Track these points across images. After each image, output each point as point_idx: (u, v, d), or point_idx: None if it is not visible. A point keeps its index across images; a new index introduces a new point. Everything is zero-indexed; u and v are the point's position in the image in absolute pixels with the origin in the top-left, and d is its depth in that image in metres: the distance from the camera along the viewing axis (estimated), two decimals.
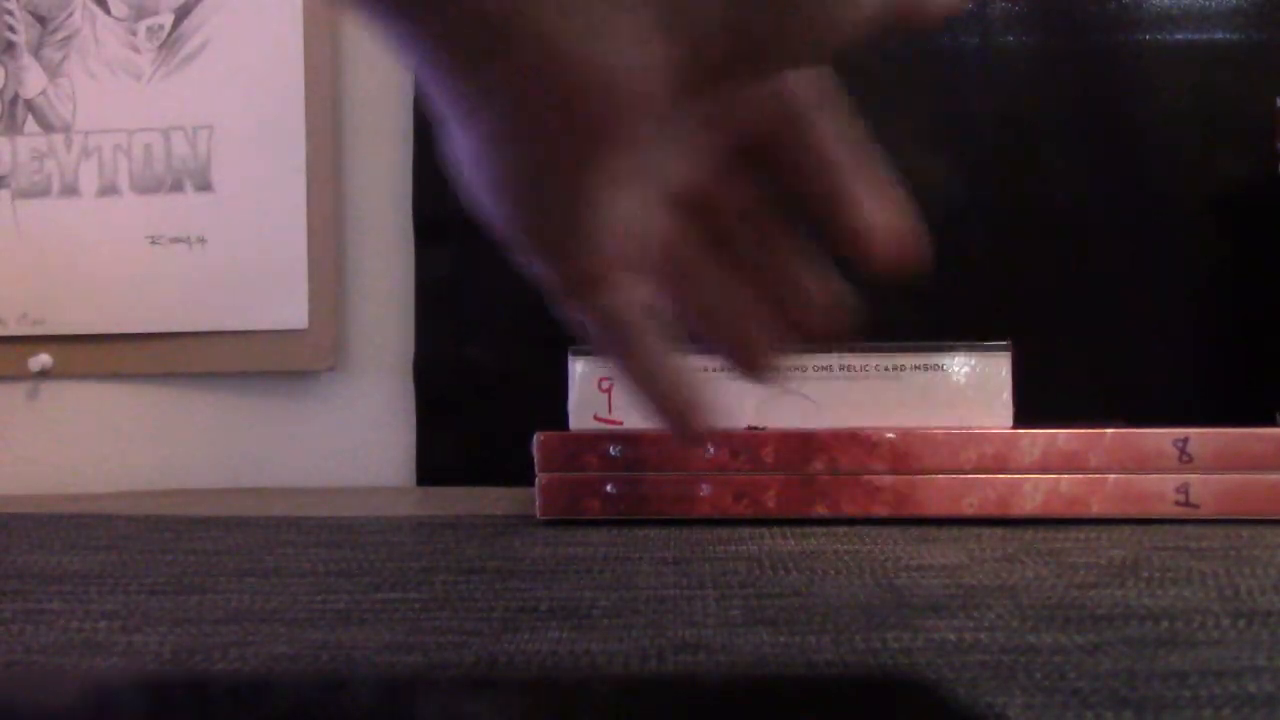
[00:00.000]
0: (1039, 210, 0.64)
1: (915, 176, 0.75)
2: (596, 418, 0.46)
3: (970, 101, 0.64)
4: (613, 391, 0.46)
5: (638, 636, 0.27)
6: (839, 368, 0.46)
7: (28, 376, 0.71)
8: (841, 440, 0.44)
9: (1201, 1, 0.63)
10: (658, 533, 0.42)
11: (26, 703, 0.20)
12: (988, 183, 0.64)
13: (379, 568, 0.36)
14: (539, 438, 0.44)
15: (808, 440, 0.44)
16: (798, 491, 0.44)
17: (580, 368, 0.47)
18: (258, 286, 0.69)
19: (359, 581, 0.34)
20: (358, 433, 0.70)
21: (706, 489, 0.44)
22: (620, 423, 0.46)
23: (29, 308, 0.70)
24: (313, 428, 0.70)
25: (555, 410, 0.47)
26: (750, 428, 0.45)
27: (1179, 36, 0.63)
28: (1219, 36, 0.63)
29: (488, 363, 0.67)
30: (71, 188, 0.70)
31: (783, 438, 0.44)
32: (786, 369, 0.43)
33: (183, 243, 0.69)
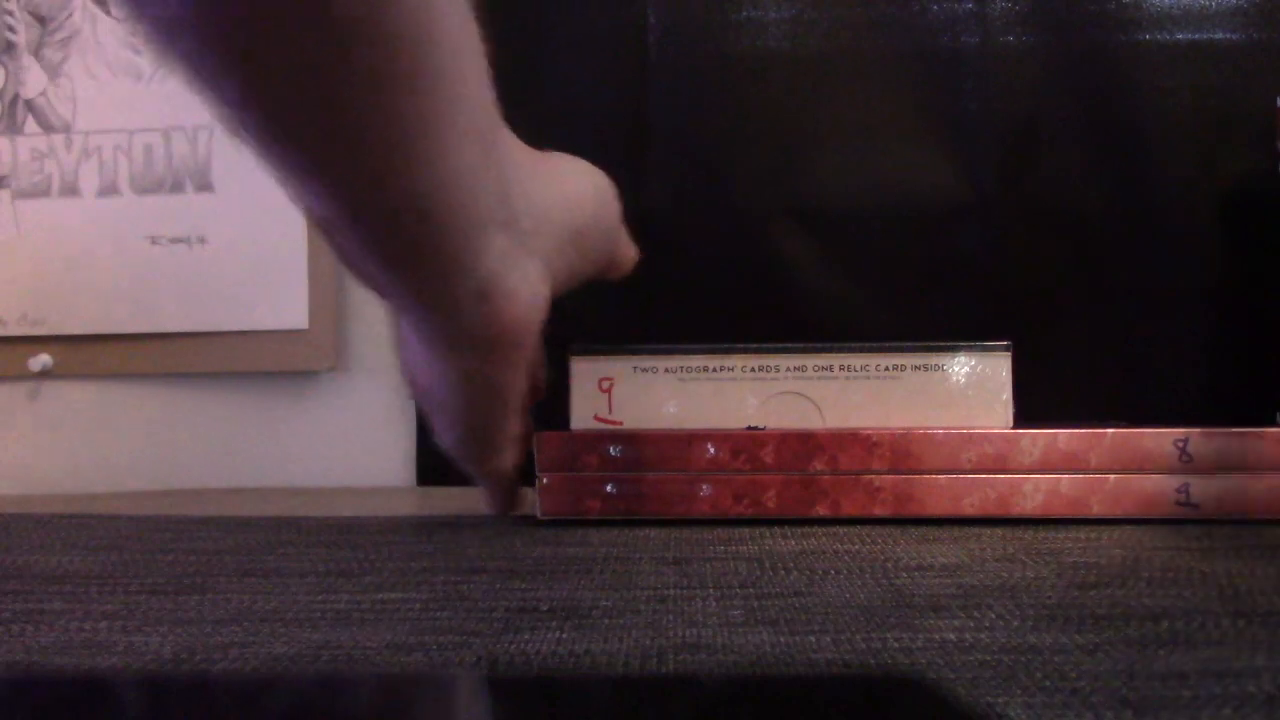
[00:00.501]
0: (1039, 210, 0.64)
1: (914, 176, 0.74)
2: (597, 418, 0.46)
3: (970, 101, 0.64)
4: (612, 392, 0.46)
5: (638, 636, 0.27)
6: (839, 368, 0.46)
7: (28, 376, 0.71)
8: (841, 440, 0.44)
9: (1201, 1, 0.63)
10: (658, 532, 0.42)
11: (27, 703, 0.20)
12: (988, 183, 0.64)
13: (379, 568, 0.36)
14: (539, 437, 0.44)
15: (807, 440, 0.44)
16: (798, 491, 0.44)
17: (580, 368, 0.47)
18: (258, 287, 0.69)
19: (359, 581, 0.34)
20: (358, 433, 0.70)
21: (706, 489, 0.44)
22: (620, 423, 0.46)
23: (29, 308, 0.70)
24: (313, 428, 0.70)
25: (556, 410, 0.47)
26: (750, 428, 0.45)
27: (1179, 36, 0.63)
28: (1219, 36, 0.63)
29: None
30: (72, 188, 0.70)
31: (782, 438, 0.44)
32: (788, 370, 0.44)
33: (183, 243, 0.69)
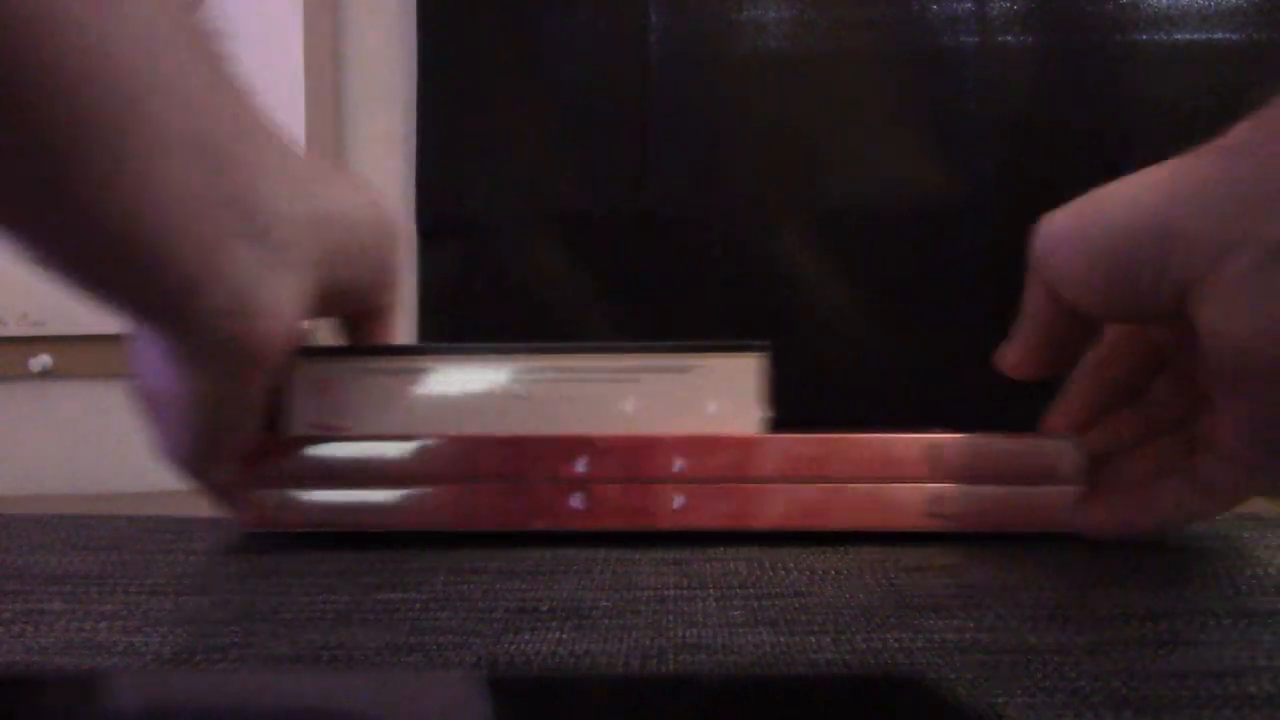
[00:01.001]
0: (1037, 210, 0.64)
1: (914, 175, 0.74)
2: (317, 423, 0.41)
3: (969, 101, 0.64)
4: (335, 395, 0.41)
5: (638, 636, 0.27)
6: (571, 369, 0.41)
7: (29, 377, 0.71)
8: (564, 446, 0.38)
9: (1201, 1, 0.63)
10: (657, 532, 0.42)
11: (27, 703, 0.20)
12: (987, 182, 0.64)
13: (379, 568, 0.36)
14: (246, 444, 0.38)
15: (523, 446, 0.38)
16: (517, 502, 0.38)
17: (300, 369, 0.41)
18: None
19: (359, 581, 0.34)
20: None
21: (421, 501, 0.39)
22: (345, 428, 0.40)
23: (30, 308, 0.70)
24: None
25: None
26: (475, 433, 0.40)
27: (1179, 36, 0.63)
28: (1219, 36, 0.63)
29: None
30: None
31: (499, 444, 0.38)
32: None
33: None
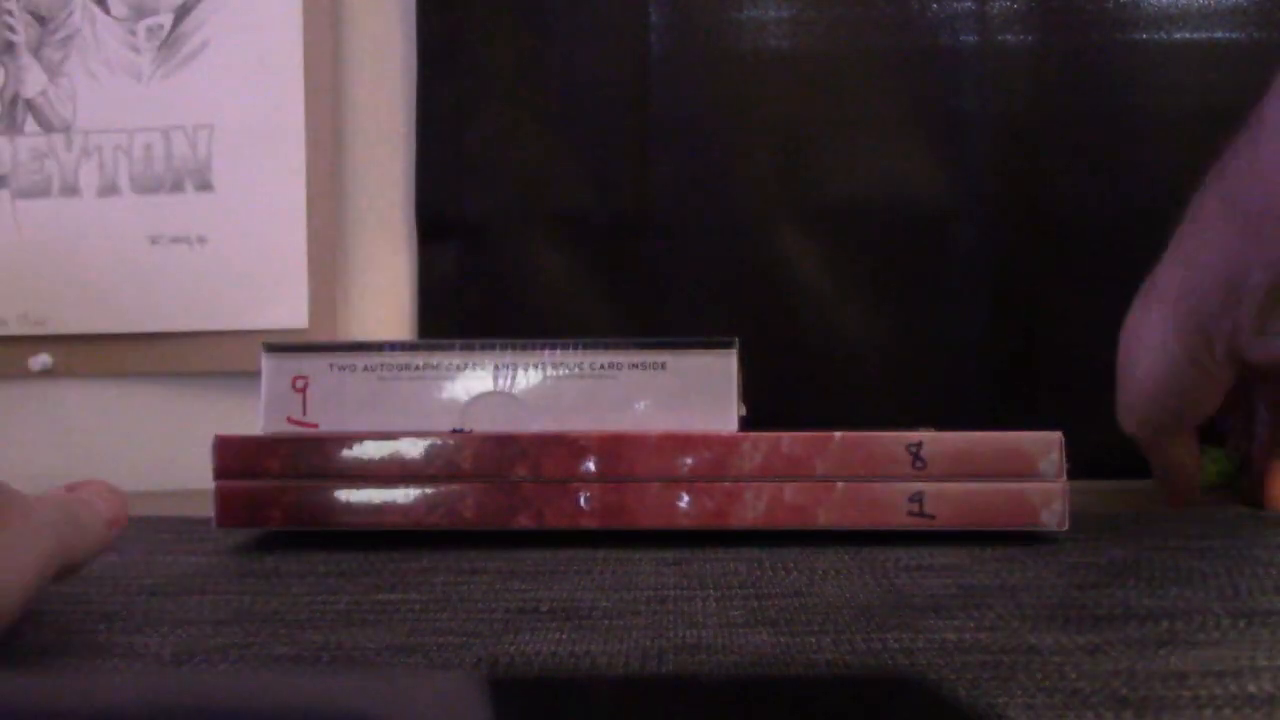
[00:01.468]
0: (1037, 210, 0.64)
1: (913, 174, 0.74)
2: (290, 420, 0.42)
3: (969, 101, 0.64)
4: (307, 392, 0.42)
5: (638, 636, 0.27)
6: (550, 366, 0.42)
7: (28, 376, 0.71)
8: (545, 444, 0.39)
9: (1201, 1, 0.63)
10: (656, 532, 0.42)
11: (27, 703, 0.20)
12: (986, 182, 0.64)
13: (379, 568, 0.36)
14: (216, 440, 0.40)
15: (508, 444, 0.39)
16: (498, 500, 0.39)
17: (271, 366, 0.42)
18: (258, 286, 0.69)
19: (359, 582, 0.34)
20: None
21: (399, 498, 0.39)
22: (315, 426, 0.41)
23: (29, 307, 0.70)
24: None
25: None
26: (455, 430, 0.41)
27: (1179, 36, 0.63)
28: (1219, 36, 0.63)
29: None
30: (71, 187, 0.70)
31: (482, 441, 0.39)
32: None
33: (183, 242, 0.69)
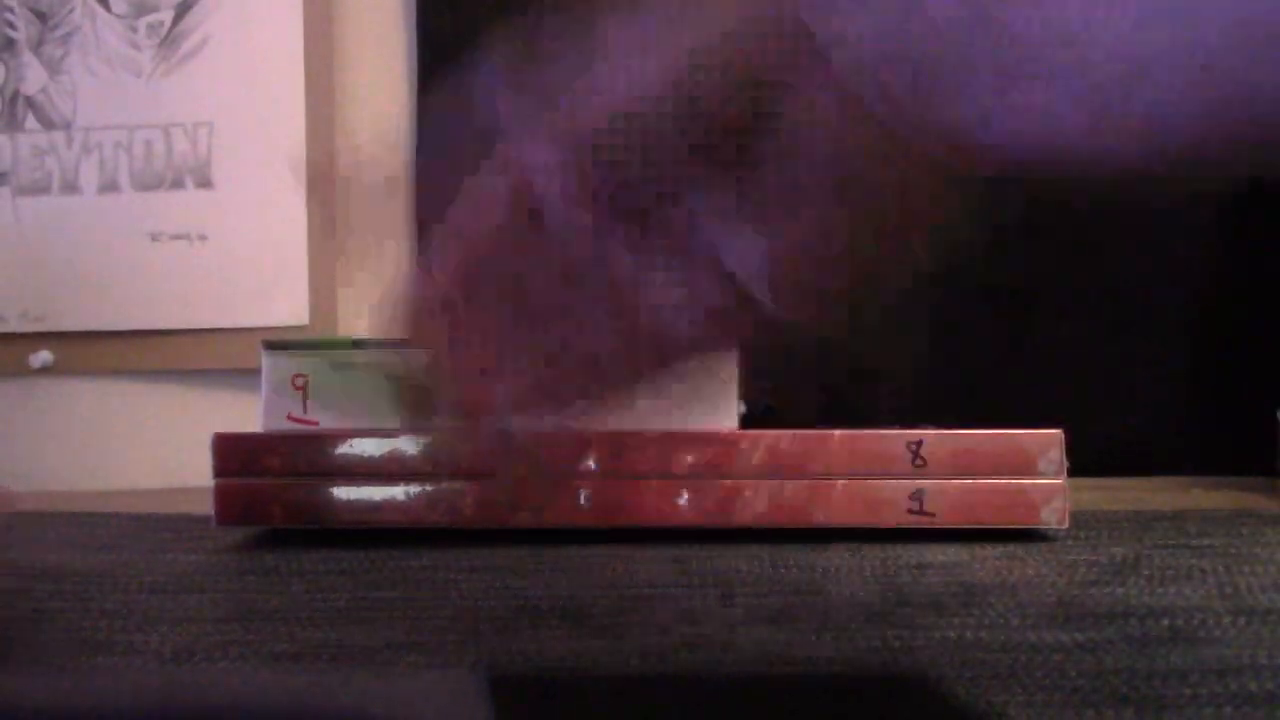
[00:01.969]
0: (1036, 209, 0.64)
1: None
2: (290, 417, 0.42)
3: None
4: (306, 390, 0.42)
5: (638, 634, 0.27)
6: None
7: (28, 373, 0.71)
8: (545, 439, 0.38)
9: None
10: (657, 532, 0.42)
11: (27, 702, 0.20)
12: (984, 180, 0.64)
13: (379, 566, 0.36)
14: (216, 439, 0.40)
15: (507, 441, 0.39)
16: (497, 497, 0.38)
17: (271, 364, 0.42)
18: (259, 283, 0.69)
19: (359, 580, 0.34)
20: None
21: (399, 495, 0.39)
22: (316, 423, 0.42)
23: (29, 305, 0.70)
24: None
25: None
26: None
27: None
28: None
29: None
30: (72, 185, 0.70)
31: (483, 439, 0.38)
32: None
33: (183, 240, 0.69)
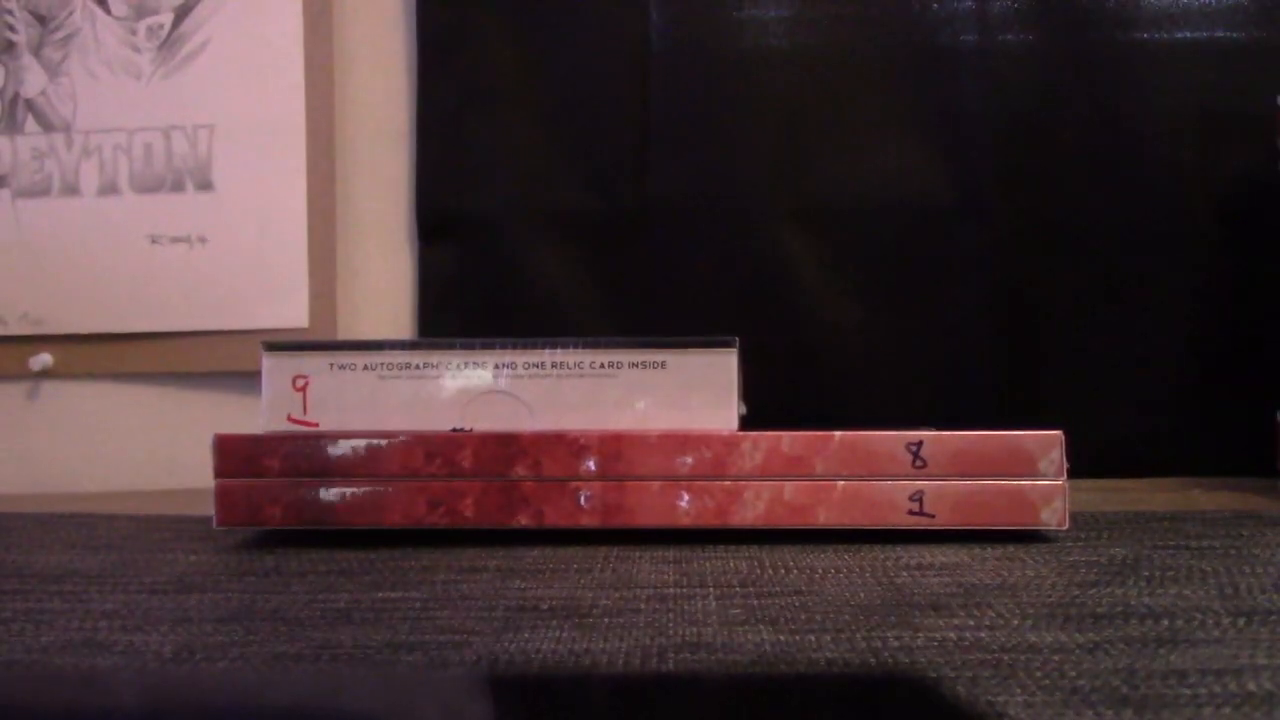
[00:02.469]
0: (1036, 209, 0.64)
1: (913, 173, 0.74)
2: (290, 418, 0.42)
3: (969, 100, 0.64)
4: (307, 391, 0.42)
5: (638, 635, 0.27)
6: (550, 365, 0.42)
7: (28, 376, 0.71)
8: (545, 442, 0.39)
9: (1201, 1, 0.63)
10: (656, 530, 0.42)
11: (27, 702, 0.20)
12: (985, 180, 0.64)
13: (379, 567, 0.36)
14: (217, 440, 0.40)
15: (509, 443, 0.39)
16: (497, 499, 0.39)
17: (272, 364, 0.42)
18: (258, 286, 0.69)
19: (359, 580, 0.34)
20: None
21: (398, 496, 0.39)
22: (316, 424, 0.42)
23: (29, 307, 0.70)
24: None
25: None
26: (456, 429, 0.41)
27: (1179, 36, 0.63)
28: (1219, 36, 0.63)
29: None
30: (72, 187, 0.70)
31: (482, 440, 0.39)
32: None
33: (183, 242, 0.69)
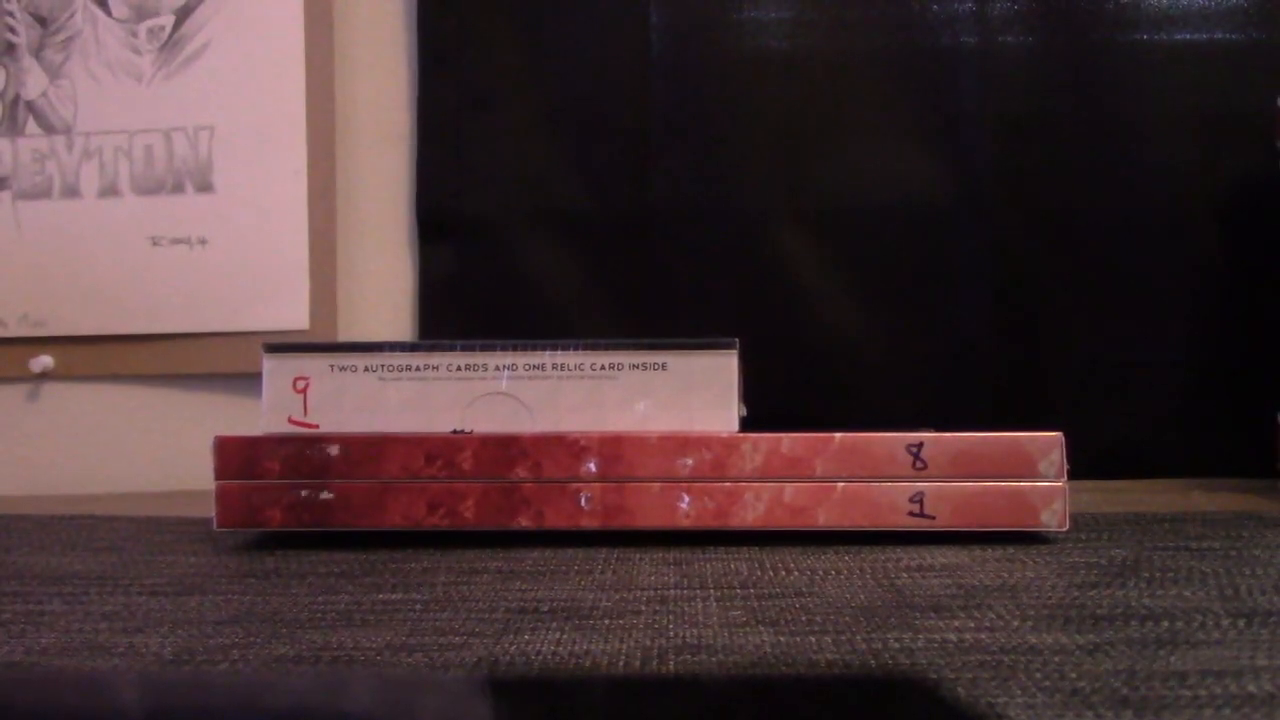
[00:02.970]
0: (1036, 210, 0.64)
1: (913, 174, 0.74)
2: (291, 420, 0.42)
3: (969, 101, 0.64)
4: (308, 392, 0.42)
5: (638, 636, 0.27)
6: (551, 366, 0.42)
7: (29, 378, 0.71)
8: (546, 444, 0.39)
9: (1201, 1, 0.63)
10: (656, 532, 0.42)
11: (27, 703, 0.20)
12: (986, 181, 0.64)
13: (379, 568, 0.36)
14: (217, 441, 0.40)
15: (509, 445, 0.39)
16: (498, 501, 0.39)
17: (273, 366, 0.42)
18: (259, 287, 0.69)
19: (359, 582, 0.34)
20: None
21: (399, 498, 0.40)
22: (316, 426, 0.42)
23: (30, 309, 0.70)
24: None
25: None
26: (455, 431, 0.41)
27: (1179, 36, 0.63)
28: (1219, 36, 0.63)
29: None
30: (72, 189, 0.70)
31: (482, 442, 0.39)
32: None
33: (184, 244, 0.69)
